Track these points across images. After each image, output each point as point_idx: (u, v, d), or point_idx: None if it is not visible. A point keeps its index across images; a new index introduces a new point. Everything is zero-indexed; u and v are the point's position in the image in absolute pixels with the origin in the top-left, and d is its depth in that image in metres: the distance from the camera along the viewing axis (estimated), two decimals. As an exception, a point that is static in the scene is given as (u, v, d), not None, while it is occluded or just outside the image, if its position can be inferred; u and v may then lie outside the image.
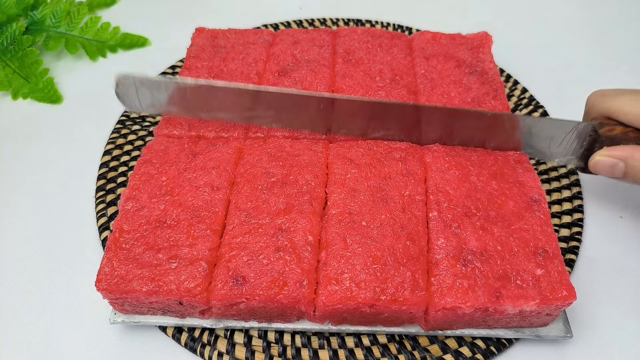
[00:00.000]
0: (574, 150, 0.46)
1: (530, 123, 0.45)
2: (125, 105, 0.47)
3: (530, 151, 0.48)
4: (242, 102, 0.46)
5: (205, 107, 0.47)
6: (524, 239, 0.42)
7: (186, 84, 0.45)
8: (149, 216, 0.43)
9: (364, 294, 0.38)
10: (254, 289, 0.39)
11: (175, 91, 0.46)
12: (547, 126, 0.45)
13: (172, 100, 0.47)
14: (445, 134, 0.47)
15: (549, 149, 0.47)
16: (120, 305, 0.41)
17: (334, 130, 0.49)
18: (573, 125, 0.44)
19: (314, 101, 0.46)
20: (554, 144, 0.46)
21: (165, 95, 0.46)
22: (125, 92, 0.46)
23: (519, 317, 0.40)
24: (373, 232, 0.42)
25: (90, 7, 0.76)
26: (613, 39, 0.75)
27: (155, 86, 0.45)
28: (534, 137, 0.46)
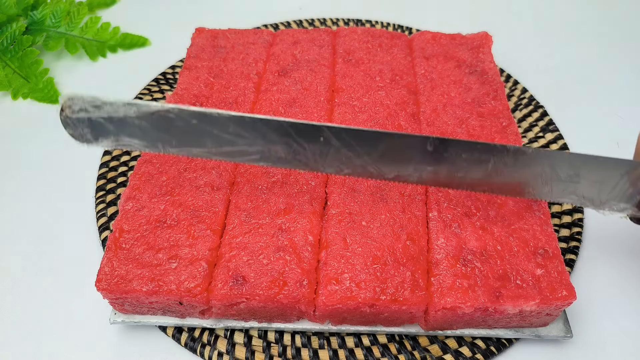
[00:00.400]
0: (630, 197, 0.38)
1: (578, 162, 0.37)
2: (73, 134, 0.38)
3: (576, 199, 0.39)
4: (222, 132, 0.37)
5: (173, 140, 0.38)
6: (523, 238, 0.42)
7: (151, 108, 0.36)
8: (149, 216, 0.43)
9: (364, 294, 0.38)
10: (254, 289, 0.39)
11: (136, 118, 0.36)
12: (598, 167, 0.37)
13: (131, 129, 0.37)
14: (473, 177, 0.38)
15: (598, 196, 0.38)
16: (120, 305, 0.41)
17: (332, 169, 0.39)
18: (630, 165, 0.36)
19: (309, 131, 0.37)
20: (604, 190, 0.38)
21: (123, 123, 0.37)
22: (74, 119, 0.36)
23: (519, 317, 0.40)
24: (373, 232, 0.42)
25: (90, 7, 0.76)
26: (613, 39, 0.75)
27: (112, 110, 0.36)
28: (582, 180, 0.38)
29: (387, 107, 0.52)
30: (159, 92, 0.64)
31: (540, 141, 0.59)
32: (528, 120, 0.61)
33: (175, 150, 0.39)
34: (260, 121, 0.36)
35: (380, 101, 0.53)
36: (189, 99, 0.53)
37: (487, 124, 0.51)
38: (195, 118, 0.36)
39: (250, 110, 0.52)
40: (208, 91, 0.54)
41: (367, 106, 0.52)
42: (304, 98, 0.53)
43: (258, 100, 0.53)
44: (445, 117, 0.51)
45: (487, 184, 0.39)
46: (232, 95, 0.54)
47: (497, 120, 0.51)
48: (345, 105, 0.53)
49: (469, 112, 0.52)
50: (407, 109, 0.52)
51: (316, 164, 0.39)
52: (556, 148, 0.57)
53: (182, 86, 0.55)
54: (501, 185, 0.39)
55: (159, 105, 0.36)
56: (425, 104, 0.53)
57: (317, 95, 0.53)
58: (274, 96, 0.53)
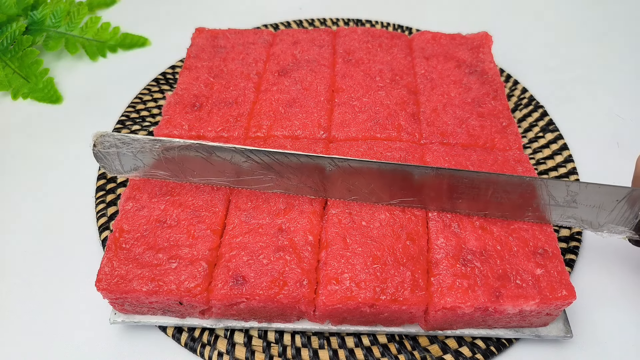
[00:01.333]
0: (627, 221, 0.39)
1: (576, 190, 0.39)
2: (104, 167, 0.42)
3: (574, 222, 0.41)
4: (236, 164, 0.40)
5: (195, 171, 0.41)
6: (523, 238, 0.42)
7: (173, 144, 0.40)
8: (149, 216, 0.43)
9: (364, 294, 0.38)
10: (254, 289, 0.39)
11: (161, 151, 0.40)
12: (595, 193, 0.39)
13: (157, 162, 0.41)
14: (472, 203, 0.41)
15: (597, 219, 0.40)
16: (121, 305, 0.41)
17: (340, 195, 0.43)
18: (626, 192, 0.38)
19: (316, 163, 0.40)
20: (602, 214, 0.40)
21: (149, 156, 0.41)
22: (105, 153, 0.41)
23: (519, 317, 0.40)
24: (373, 232, 0.42)
25: (90, 7, 0.76)
26: (613, 39, 0.75)
27: (138, 146, 0.40)
28: (579, 205, 0.40)
29: (387, 107, 0.52)
30: (159, 92, 0.64)
31: (540, 141, 0.59)
32: (528, 120, 0.61)
33: (197, 180, 0.43)
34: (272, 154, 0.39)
35: (380, 101, 0.53)
36: (189, 99, 0.53)
37: (487, 124, 0.51)
38: (214, 152, 0.40)
39: (251, 110, 0.52)
40: (208, 91, 0.54)
41: (367, 106, 0.52)
42: (304, 98, 0.53)
43: (258, 100, 0.53)
44: (445, 117, 0.51)
45: (488, 209, 0.41)
46: (232, 95, 0.54)
47: (497, 120, 0.51)
48: (345, 105, 0.53)
49: (469, 112, 0.52)
50: (407, 108, 0.52)
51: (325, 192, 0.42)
52: (556, 148, 0.57)
53: (182, 86, 0.55)
54: (501, 210, 0.41)
55: (181, 141, 0.39)
56: (425, 104, 0.53)
57: (317, 95, 0.53)
58: (274, 96, 0.53)
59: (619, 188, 0.38)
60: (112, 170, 0.43)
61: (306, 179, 0.41)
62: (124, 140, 0.40)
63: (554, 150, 0.57)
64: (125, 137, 0.40)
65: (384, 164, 0.39)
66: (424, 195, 0.41)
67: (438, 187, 0.40)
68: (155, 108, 0.62)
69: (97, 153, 0.41)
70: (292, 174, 0.41)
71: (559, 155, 0.57)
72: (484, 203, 0.40)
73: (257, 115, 0.52)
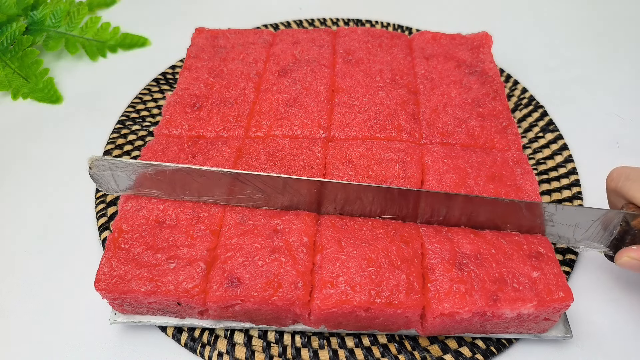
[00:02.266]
0: (602, 239, 0.42)
1: (552, 211, 0.41)
2: (100, 186, 0.44)
3: (552, 237, 0.43)
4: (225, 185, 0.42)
5: (187, 190, 0.43)
6: (516, 241, 0.42)
7: (164, 168, 0.42)
8: (149, 216, 0.43)
9: (359, 297, 0.38)
10: (249, 291, 0.38)
11: (153, 174, 0.42)
12: (571, 214, 0.41)
13: (150, 182, 0.43)
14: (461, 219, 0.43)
15: (573, 236, 0.42)
16: (120, 306, 0.41)
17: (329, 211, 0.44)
18: (601, 214, 0.40)
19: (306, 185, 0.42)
20: (578, 232, 0.42)
21: (142, 178, 0.43)
22: (100, 175, 0.43)
23: (517, 322, 0.40)
24: (367, 234, 0.41)
25: (90, 7, 0.76)
26: (613, 39, 0.75)
27: (131, 169, 0.42)
28: (556, 224, 0.42)
29: (387, 107, 0.52)
30: (159, 92, 0.64)
31: (540, 141, 0.58)
32: (528, 120, 0.61)
33: (190, 198, 0.44)
34: (260, 178, 0.41)
35: (380, 101, 0.53)
36: (189, 99, 0.53)
37: (487, 124, 0.51)
38: (204, 175, 0.42)
39: (251, 110, 0.52)
40: (208, 91, 0.54)
41: (367, 106, 0.52)
42: (304, 98, 0.53)
43: (258, 100, 0.53)
44: (445, 117, 0.51)
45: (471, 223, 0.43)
46: (232, 95, 0.54)
47: (497, 120, 0.51)
48: (345, 105, 0.53)
49: (469, 112, 0.52)
50: (407, 108, 0.52)
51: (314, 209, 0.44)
52: (556, 148, 0.57)
53: (182, 86, 0.55)
54: (482, 224, 0.43)
55: (172, 165, 0.41)
56: (425, 104, 0.53)
57: (317, 95, 0.53)
58: (274, 96, 0.53)
59: (594, 210, 0.40)
60: (109, 190, 0.45)
61: (295, 198, 0.43)
62: (117, 165, 0.42)
63: (554, 150, 0.57)
64: (119, 161, 0.42)
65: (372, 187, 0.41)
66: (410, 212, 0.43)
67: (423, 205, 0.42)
68: (155, 108, 0.62)
69: (93, 175, 0.43)
70: (280, 194, 0.42)
71: (559, 155, 0.57)
72: (467, 218, 0.43)
73: (257, 115, 0.52)
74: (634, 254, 0.39)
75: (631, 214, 0.40)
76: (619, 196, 0.42)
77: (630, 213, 0.40)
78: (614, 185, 0.42)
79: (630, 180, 0.40)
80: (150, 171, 0.42)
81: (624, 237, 0.40)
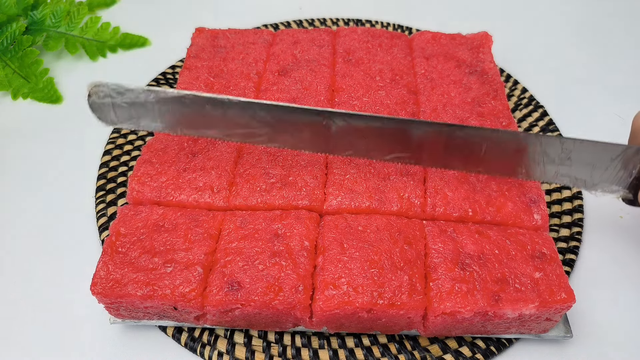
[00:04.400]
0: (621, 180, 0.39)
1: (570, 147, 0.38)
2: (99, 118, 0.43)
3: (567, 179, 0.40)
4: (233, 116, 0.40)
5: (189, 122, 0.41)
6: (520, 242, 0.41)
7: (168, 94, 0.40)
8: (147, 219, 0.43)
9: (362, 299, 0.38)
10: (249, 295, 0.38)
11: (157, 103, 0.40)
12: (590, 151, 0.38)
13: (151, 113, 0.41)
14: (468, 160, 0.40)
15: (591, 178, 0.40)
16: (116, 310, 0.41)
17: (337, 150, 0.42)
18: (621, 149, 0.37)
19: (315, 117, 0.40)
20: (596, 172, 0.39)
21: (143, 108, 0.41)
22: (100, 103, 0.41)
23: (518, 322, 0.40)
24: (370, 236, 0.41)
25: (90, 7, 0.76)
26: (613, 39, 0.75)
27: (132, 96, 0.40)
28: (573, 163, 0.39)
29: (387, 107, 0.52)
30: (159, 92, 0.64)
31: (540, 141, 0.58)
32: (528, 120, 0.61)
33: (191, 132, 0.42)
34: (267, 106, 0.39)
35: (380, 101, 0.53)
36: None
37: (487, 123, 0.51)
38: (208, 103, 0.40)
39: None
40: (208, 91, 0.54)
41: (367, 106, 0.52)
42: (304, 97, 0.53)
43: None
44: (445, 117, 0.51)
45: (481, 165, 0.40)
46: (232, 94, 0.53)
47: (497, 120, 0.51)
48: (345, 104, 0.53)
49: (469, 112, 0.52)
50: (407, 108, 0.52)
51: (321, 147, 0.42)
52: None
53: (182, 86, 0.55)
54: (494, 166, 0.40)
55: (175, 92, 0.39)
56: (425, 104, 0.53)
57: (317, 94, 0.53)
58: (274, 96, 0.53)
59: (614, 145, 0.37)
60: (107, 121, 0.43)
61: (302, 133, 0.40)
62: (119, 90, 0.40)
63: (554, 150, 0.57)
64: (120, 86, 0.40)
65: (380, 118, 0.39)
66: (419, 150, 0.40)
67: (433, 142, 0.39)
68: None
69: (92, 103, 0.41)
70: (287, 128, 0.40)
71: (559, 155, 0.57)
72: (478, 159, 0.40)
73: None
74: None
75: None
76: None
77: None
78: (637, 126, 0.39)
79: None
80: (152, 99, 0.40)
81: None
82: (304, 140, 0.41)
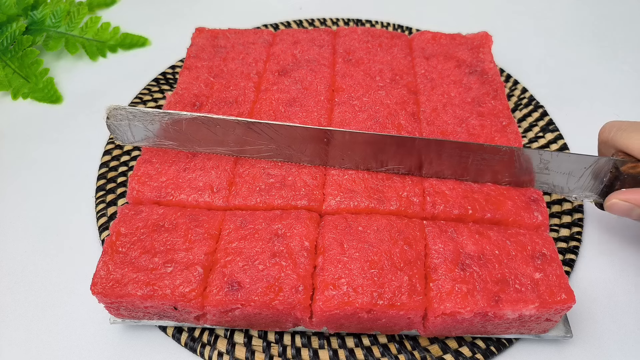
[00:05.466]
0: (593, 187, 0.44)
1: (548, 158, 0.43)
2: (116, 137, 0.46)
3: (547, 187, 0.45)
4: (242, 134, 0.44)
5: (201, 141, 0.45)
6: (520, 242, 0.41)
7: (182, 117, 0.43)
8: (147, 219, 0.43)
9: (362, 299, 0.38)
10: (250, 295, 0.38)
11: (169, 124, 0.44)
12: (565, 161, 0.43)
13: (166, 133, 0.45)
14: (456, 169, 0.45)
15: (567, 185, 0.44)
16: (116, 310, 0.41)
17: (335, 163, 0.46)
18: (592, 160, 0.42)
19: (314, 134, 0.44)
20: (572, 180, 0.44)
21: (158, 128, 0.44)
22: (117, 125, 0.44)
23: (518, 323, 0.40)
24: (370, 236, 0.41)
25: (90, 7, 0.76)
26: (613, 39, 0.75)
27: (148, 119, 0.44)
28: (551, 172, 0.44)
29: (387, 107, 0.52)
30: (159, 92, 0.64)
31: (540, 141, 0.58)
32: (528, 120, 0.61)
33: (203, 149, 0.46)
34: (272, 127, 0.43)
35: (380, 100, 0.53)
36: (189, 99, 0.53)
37: (487, 123, 0.51)
38: (219, 124, 0.44)
39: (251, 110, 0.52)
40: (208, 91, 0.54)
41: (367, 105, 0.52)
42: (304, 97, 0.53)
43: (258, 100, 0.53)
44: (445, 117, 0.51)
45: (468, 174, 0.45)
46: (232, 94, 0.54)
47: (497, 119, 0.51)
48: (345, 104, 0.53)
49: (469, 112, 0.52)
50: (407, 108, 0.52)
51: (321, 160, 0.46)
52: (556, 148, 0.57)
53: (182, 86, 0.55)
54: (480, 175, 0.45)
55: (188, 114, 0.43)
56: (426, 104, 0.53)
57: (317, 94, 0.53)
58: (274, 95, 0.53)
59: (586, 157, 0.42)
60: (125, 140, 0.46)
61: (304, 148, 0.45)
62: (135, 114, 0.43)
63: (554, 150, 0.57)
64: (136, 110, 0.43)
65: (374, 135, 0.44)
66: (412, 162, 0.45)
67: (424, 155, 0.44)
68: (156, 108, 0.62)
69: (110, 125, 0.44)
70: (290, 144, 0.44)
71: (559, 155, 0.57)
72: (465, 169, 0.45)
73: (257, 114, 0.52)
74: (622, 195, 0.41)
75: (620, 160, 0.42)
76: (609, 147, 0.44)
77: (619, 159, 0.42)
78: (605, 136, 0.44)
79: (622, 130, 0.42)
80: (167, 120, 0.43)
81: (614, 183, 0.42)
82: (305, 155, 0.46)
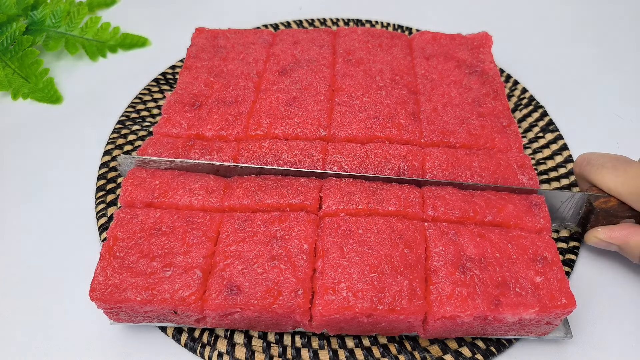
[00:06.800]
0: (571, 218, 0.47)
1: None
2: None
3: None
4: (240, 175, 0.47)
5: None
6: (522, 245, 0.41)
7: (185, 164, 0.46)
8: (144, 223, 0.42)
9: (361, 304, 0.37)
10: (249, 299, 0.38)
11: (175, 169, 0.47)
12: (546, 195, 0.46)
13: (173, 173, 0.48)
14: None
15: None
16: (115, 315, 0.41)
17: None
18: (568, 196, 0.45)
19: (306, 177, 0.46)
20: (551, 212, 0.46)
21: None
22: (127, 169, 0.48)
23: (518, 326, 0.40)
24: (370, 240, 0.41)
25: (90, 7, 0.76)
26: (613, 39, 0.75)
27: (156, 165, 0.47)
28: None
29: (388, 106, 0.52)
30: (159, 92, 0.64)
31: (540, 141, 0.58)
32: (528, 120, 0.61)
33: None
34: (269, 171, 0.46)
35: (380, 100, 0.53)
36: (189, 98, 0.53)
37: (487, 123, 0.51)
38: (219, 169, 0.46)
39: (251, 109, 0.52)
40: (208, 91, 0.54)
41: (368, 105, 0.52)
42: (304, 97, 0.53)
43: (258, 100, 0.53)
44: (445, 117, 0.51)
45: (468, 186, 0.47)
46: (232, 94, 0.54)
47: (497, 120, 0.51)
48: (345, 104, 0.52)
49: (469, 112, 0.52)
50: (407, 108, 0.52)
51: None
52: (556, 148, 0.57)
53: (182, 86, 0.55)
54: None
55: (190, 161, 0.46)
56: (426, 104, 0.53)
57: (317, 94, 0.53)
58: (274, 95, 0.53)
59: (563, 193, 0.46)
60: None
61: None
62: (143, 161, 0.47)
63: (554, 151, 0.57)
64: (144, 158, 0.47)
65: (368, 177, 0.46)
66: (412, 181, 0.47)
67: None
68: (155, 108, 0.62)
69: (122, 171, 0.48)
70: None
71: (559, 156, 0.57)
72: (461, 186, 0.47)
73: (256, 114, 0.52)
74: (601, 235, 0.44)
75: (594, 196, 0.45)
76: (583, 180, 0.47)
77: (592, 195, 0.45)
78: (577, 169, 0.47)
79: (590, 164, 0.45)
80: (172, 167, 0.46)
81: (589, 216, 0.45)
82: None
